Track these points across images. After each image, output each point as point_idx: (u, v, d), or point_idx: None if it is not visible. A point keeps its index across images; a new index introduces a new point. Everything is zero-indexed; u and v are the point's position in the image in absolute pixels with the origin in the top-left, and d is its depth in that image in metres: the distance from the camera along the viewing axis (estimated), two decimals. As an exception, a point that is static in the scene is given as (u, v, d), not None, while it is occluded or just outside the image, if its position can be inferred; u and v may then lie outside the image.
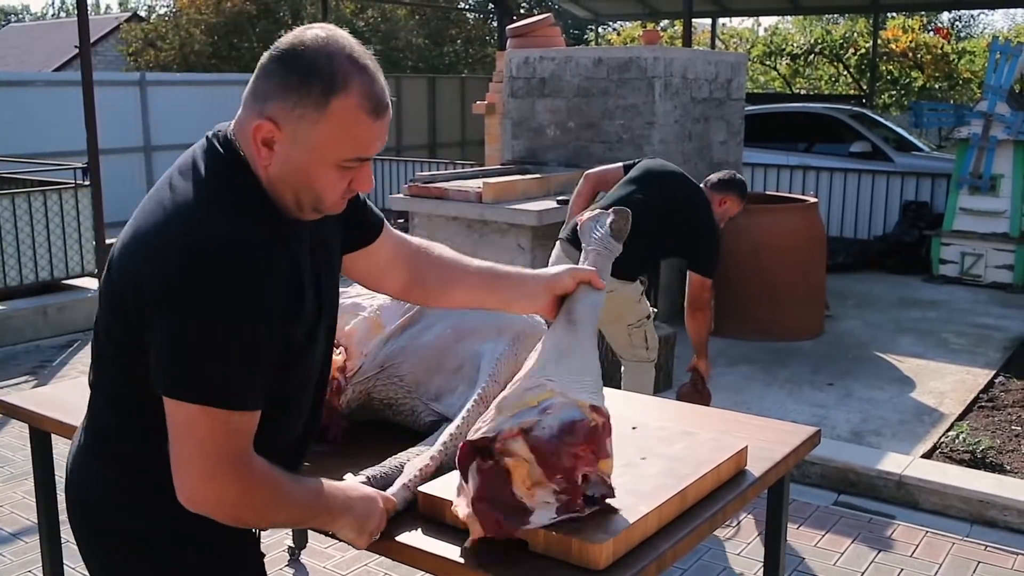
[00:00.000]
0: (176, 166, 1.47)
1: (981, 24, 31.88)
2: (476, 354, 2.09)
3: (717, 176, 4.26)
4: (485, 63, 22.09)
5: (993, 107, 8.01)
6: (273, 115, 1.36)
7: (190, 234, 1.32)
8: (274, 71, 1.37)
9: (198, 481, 1.34)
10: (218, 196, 1.37)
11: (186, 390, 1.31)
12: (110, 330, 1.45)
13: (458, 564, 1.64)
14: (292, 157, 1.38)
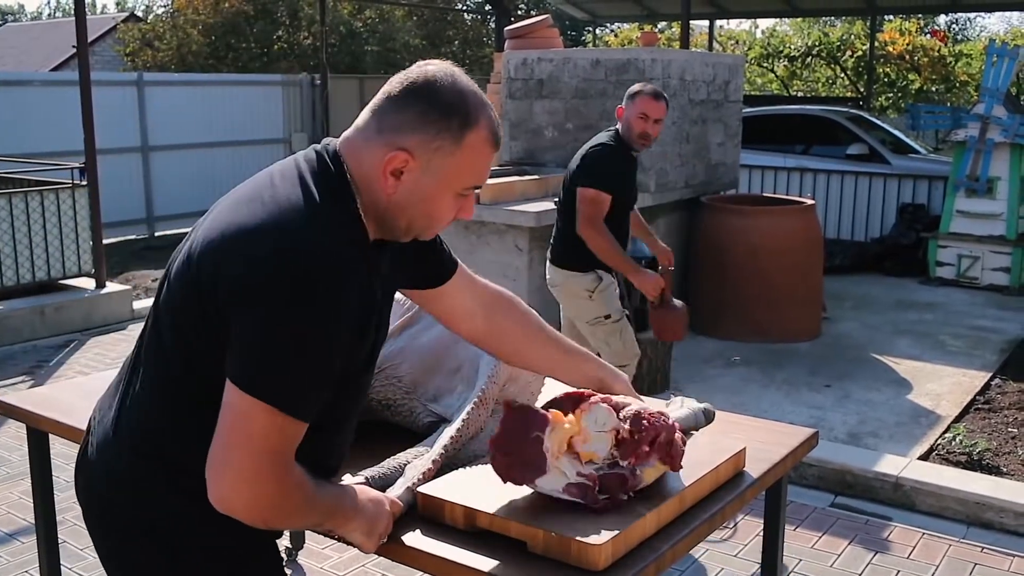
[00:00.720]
0: (278, 170, 1.49)
1: (978, 27, 31.95)
2: (475, 355, 2.09)
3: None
4: (483, 64, 22.10)
5: (990, 110, 8.03)
6: (409, 147, 1.43)
7: (288, 238, 1.35)
8: (411, 104, 1.43)
9: (237, 478, 1.34)
10: (320, 208, 1.40)
11: (257, 385, 1.33)
12: (180, 320, 1.44)
13: (457, 564, 1.64)
14: (421, 186, 1.46)
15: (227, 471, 1.35)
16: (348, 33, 21.07)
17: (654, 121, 3.98)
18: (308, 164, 1.47)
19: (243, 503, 1.36)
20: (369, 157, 1.45)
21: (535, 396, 2.23)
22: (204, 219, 1.52)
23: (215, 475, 1.36)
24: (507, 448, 1.70)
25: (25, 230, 6.94)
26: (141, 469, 1.51)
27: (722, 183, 7.25)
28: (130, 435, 1.53)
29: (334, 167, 1.46)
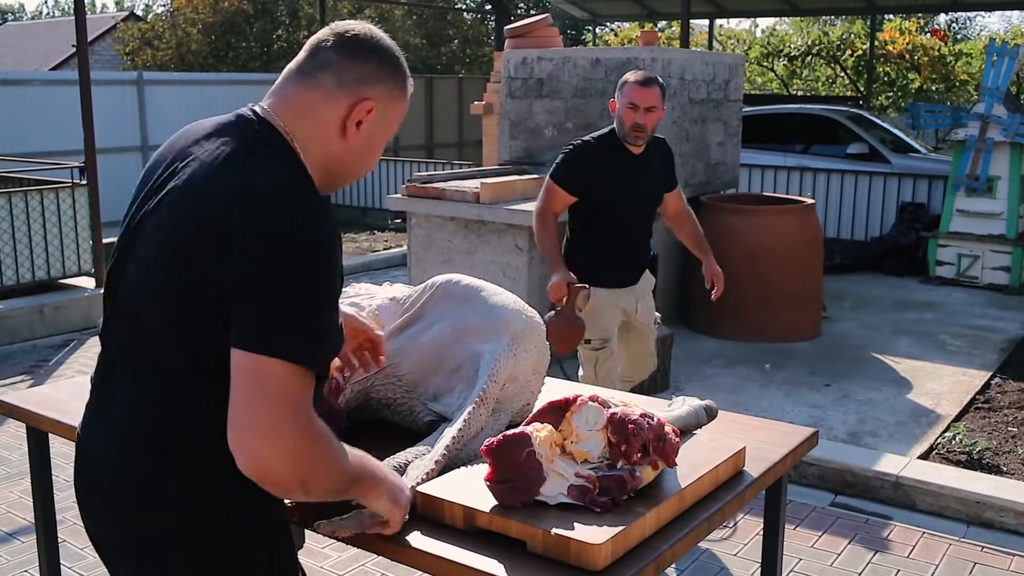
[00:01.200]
0: (226, 142, 1.48)
1: (978, 26, 31.95)
2: (475, 354, 2.09)
3: None
4: (482, 63, 22.09)
5: (990, 109, 8.03)
6: (374, 97, 1.52)
7: (289, 202, 1.40)
8: (368, 57, 1.52)
9: (266, 433, 1.34)
10: (291, 175, 1.46)
11: (270, 344, 1.35)
12: (174, 303, 1.43)
13: (456, 564, 1.64)
14: (374, 134, 1.55)
15: (253, 430, 1.34)
16: (348, 32, 21.04)
17: (645, 110, 3.58)
18: (251, 134, 1.49)
19: (275, 458, 1.35)
20: (330, 111, 1.50)
21: (535, 395, 2.23)
22: (153, 196, 1.50)
23: (241, 439, 1.35)
24: (503, 477, 1.71)
25: (25, 229, 6.94)
26: (164, 459, 1.49)
27: (722, 182, 7.25)
28: (139, 427, 1.51)
29: (272, 134, 1.49)
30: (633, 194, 3.77)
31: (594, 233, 3.80)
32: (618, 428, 1.80)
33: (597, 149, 3.74)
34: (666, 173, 3.90)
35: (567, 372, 4.42)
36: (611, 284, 3.82)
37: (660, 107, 3.62)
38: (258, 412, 1.34)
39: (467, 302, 2.17)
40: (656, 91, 3.60)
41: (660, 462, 1.81)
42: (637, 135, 3.64)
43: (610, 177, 3.71)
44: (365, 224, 12.32)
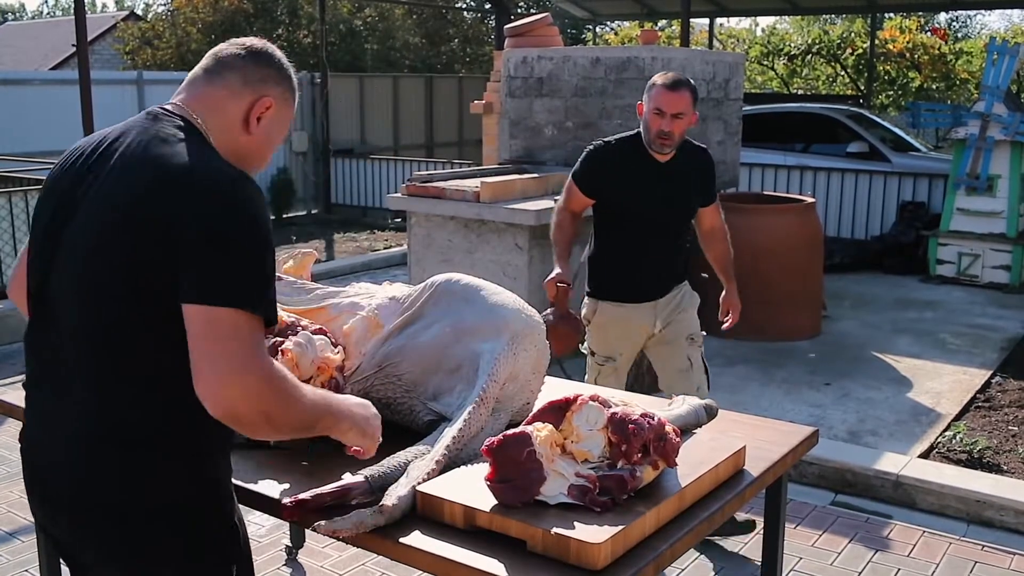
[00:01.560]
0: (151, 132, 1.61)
1: (978, 24, 31.93)
2: (474, 354, 2.09)
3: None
4: (482, 63, 22.07)
5: (990, 107, 8.02)
6: (273, 95, 1.71)
7: (221, 173, 1.56)
8: (269, 63, 1.72)
9: (228, 375, 1.46)
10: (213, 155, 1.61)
11: (223, 295, 1.47)
12: (125, 274, 1.51)
13: (456, 564, 1.64)
14: (272, 131, 1.73)
15: (216, 374, 1.46)
16: (348, 31, 21.05)
17: (672, 116, 3.29)
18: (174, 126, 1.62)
19: (239, 396, 1.46)
20: (235, 105, 1.68)
21: (535, 394, 2.23)
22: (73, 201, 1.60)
23: (206, 384, 1.46)
24: (504, 476, 1.71)
25: (25, 229, 6.93)
26: (127, 459, 1.56)
27: (722, 181, 7.24)
28: (118, 430, 1.56)
29: (188, 125, 1.64)
30: (652, 203, 3.46)
31: (609, 241, 3.57)
32: (618, 428, 1.80)
33: (617, 151, 3.49)
34: (701, 186, 3.57)
35: (567, 371, 4.42)
36: (623, 297, 3.56)
37: (690, 112, 3.33)
38: (218, 357, 1.46)
39: (467, 301, 2.17)
40: (685, 95, 3.31)
41: (660, 462, 1.81)
42: (663, 143, 3.35)
43: (627, 183, 3.45)
44: (365, 223, 12.32)
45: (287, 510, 1.78)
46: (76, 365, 1.59)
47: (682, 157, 3.47)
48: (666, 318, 3.60)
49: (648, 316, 3.58)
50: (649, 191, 3.44)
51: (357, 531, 1.68)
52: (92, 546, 1.62)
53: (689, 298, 3.67)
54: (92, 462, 1.57)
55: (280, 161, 13.05)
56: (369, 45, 21.25)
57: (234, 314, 1.47)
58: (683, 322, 3.64)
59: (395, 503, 1.73)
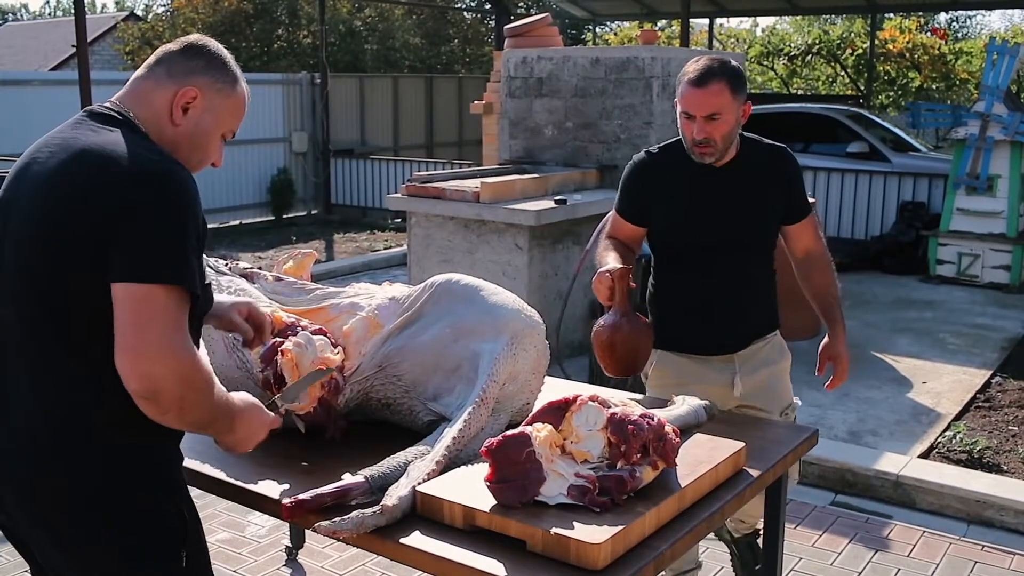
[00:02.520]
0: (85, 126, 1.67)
1: (978, 25, 31.93)
2: (474, 354, 2.09)
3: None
4: (482, 63, 22.07)
5: (990, 107, 8.02)
6: (199, 85, 1.73)
7: (146, 156, 1.61)
8: (198, 56, 1.76)
9: (154, 352, 1.50)
10: (142, 141, 1.67)
11: (152, 271, 1.52)
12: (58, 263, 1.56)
13: (456, 564, 1.64)
14: (203, 121, 1.75)
15: (143, 349, 1.50)
16: (347, 32, 21.05)
17: (705, 119, 2.54)
18: (104, 119, 1.69)
19: (165, 374, 1.50)
20: (160, 96, 1.72)
21: (534, 395, 2.23)
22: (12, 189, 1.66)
23: (132, 359, 1.50)
24: (503, 477, 1.71)
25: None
26: (72, 449, 1.60)
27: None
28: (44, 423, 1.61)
29: (123, 118, 1.70)
30: (709, 224, 2.70)
31: (666, 276, 2.82)
32: (618, 428, 1.80)
33: (658, 163, 2.75)
34: (778, 194, 2.74)
35: (567, 372, 4.42)
36: (685, 346, 2.79)
37: (730, 109, 2.55)
38: (147, 333, 1.50)
39: (466, 302, 2.17)
40: (719, 89, 2.53)
41: (660, 462, 1.81)
42: (702, 152, 2.61)
43: (673, 200, 2.72)
44: (365, 223, 12.32)
45: (287, 510, 1.78)
46: (17, 356, 1.63)
47: (747, 160, 2.71)
48: (751, 381, 2.78)
49: (723, 375, 2.76)
50: (704, 208, 2.70)
51: (358, 532, 1.68)
52: (43, 534, 1.65)
53: (780, 354, 2.88)
54: (38, 450, 1.61)
55: (280, 161, 13.06)
56: (369, 45, 21.25)
57: (161, 290, 1.51)
58: (775, 390, 2.83)
59: (395, 503, 1.73)
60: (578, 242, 5.76)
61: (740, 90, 2.58)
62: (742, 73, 2.63)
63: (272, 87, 13.14)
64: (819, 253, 2.84)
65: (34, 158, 1.68)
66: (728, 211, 2.70)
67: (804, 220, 2.79)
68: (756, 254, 2.78)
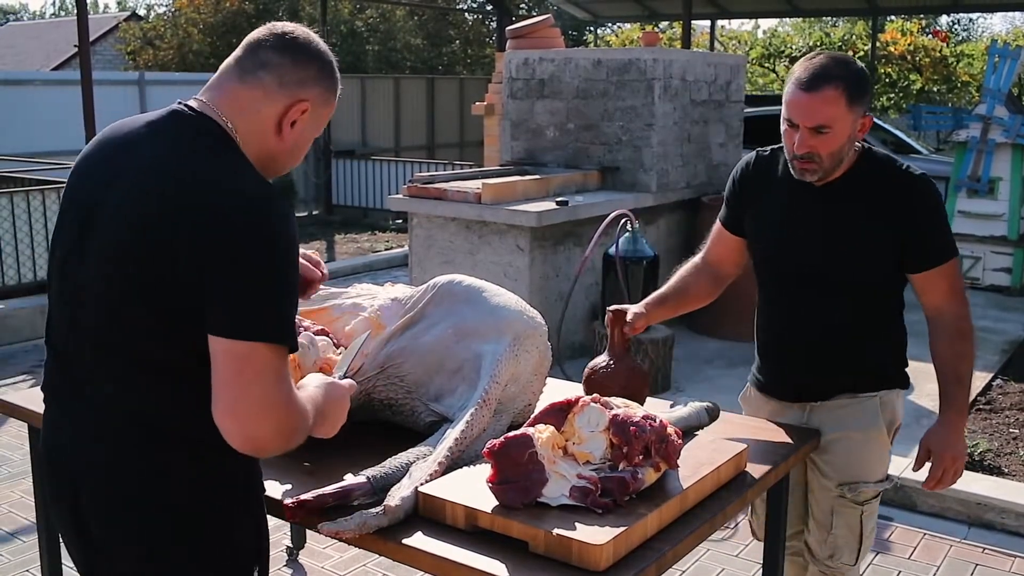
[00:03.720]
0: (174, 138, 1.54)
1: (979, 27, 31.92)
2: (476, 355, 2.09)
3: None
4: (483, 64, 22.09)
5: (991, 110, 8.02)
6: (310, 99, 1.60)
7: (255, 201, 1.47)
8: (309, 62, 1.60)
9: (259, 412, 1.44)
10: (243, 164, 1.54)
11: (254, 329, 1.44)
12: (145, 289, 1.48)
13: (458, 565, 1.64)
14: (307, 132, 1.64)
15: (247, 408, 1.44)
16: (349, 33, 21.06)
17: (811, 130, 2.13)
18: (196, 128, 1.55)
19: (270, 434, 1.46)
20: (269, 109, 1.58)
21: (536, 396, 2.23)
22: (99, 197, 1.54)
23: (235, 420, 1.44)
24: (505, 478, 1.72)
25: (27, 229, 6.94)
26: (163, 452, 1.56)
27: (723, 183, 7.23)
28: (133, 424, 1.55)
29: (214, 127, 1.56)
30: (795, 249, 2.33)
31: (759, 303, 2.52)
32: (620, 429, 1.80)
33: (761, 168, 2.42)
34: (896, 232, 2.21)
35: (568, 373, 4.42)
36: (764, 386, 2.51)
37: (842, 122, 2.12)
38: (250, 393, 1.43)
39: (469, 303, 2.18)
40: (831, 96, 2.10)
41: (662, 463, 1.81)
42: (803, 169, 2.21)
43: (765, 215, 2.37)
44: (366, 224, 12.32)
45: (289, 510, 1.78)
46: (96, 367, 1.58)
47: (864, 182, 2.24)
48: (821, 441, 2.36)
49: (797, 423, 2.42)
50: (796, 232, 2.31)
51: (360, 532, 1.68)
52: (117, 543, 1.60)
53: (872, 421, 2.33)
54: (116, 461, 1.56)
55: (281, 162, 13.06)
56: (370, 46, 21.27)
57: (263, 349, 1.44)
58: (844, 458, 2.35)
59: (398, 504, 1.73)
60: (579, 243, 5.76)
61: (859, 99, 2.14)
62: (865, 77, 2.17)
63: (274, 88, 13.12)
64: (950, 316, 2.25)
65: (121, 166, 1.54)
66: (822, 240, 2.27)
67: (932, 270, 2.23)
68: (857, 298, 2.29)
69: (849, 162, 2.24)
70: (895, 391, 2.37)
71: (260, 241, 1.44)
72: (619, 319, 2.37)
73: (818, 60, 2.15)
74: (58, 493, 1.66)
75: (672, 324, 5.95)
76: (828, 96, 2.10)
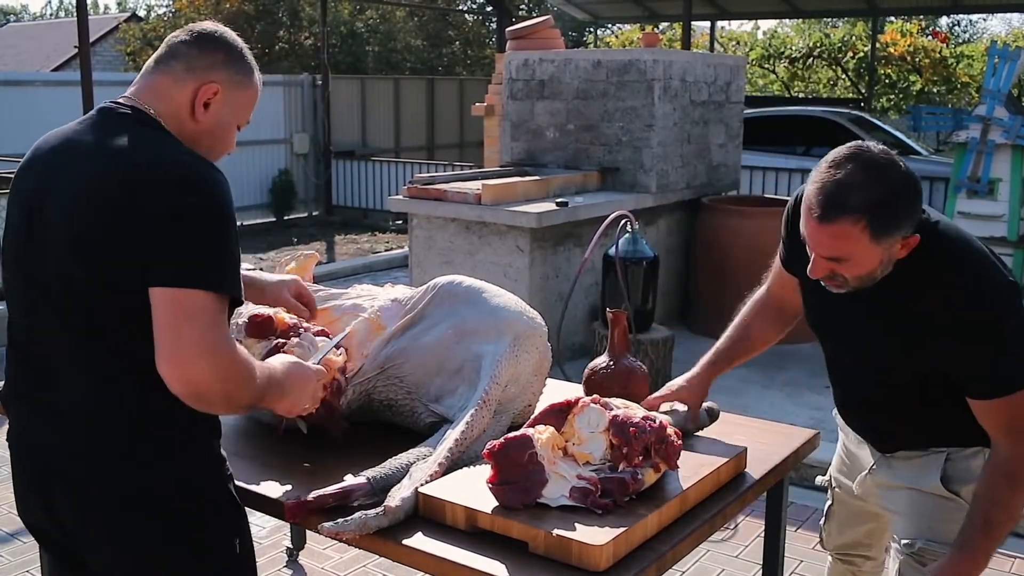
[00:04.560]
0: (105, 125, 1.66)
1: (979, 28, 31.94)
2: (476, 356, 2.09)
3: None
4: (483, 65, 22.10)
5: (991, 111, 8.03)
6: (219, 80, 1.72)
7: (187, 161, 1.61)
8: (216, 48, 1.73)
9: (198, 358, 1.50)
10: (176, 143, 1.66)
11: (193, 277, 1.52)
12: (105, 271, 1.55)
13: (458, 565, 1.64)
14: (222, 115, 1.75)
15: (186, 353, 1.50)
16: (349, 33, 21.08)
17: (826, 260, 1.83)
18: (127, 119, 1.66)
19: (208, 376, 1.51)
20: (180, 93, 1.71)
21: (536, 396, 2.23)
22: (42, 196, 1.63)
23: (175, 362, 1.50)
24: (505, 478, 1.72)
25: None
26: (127, 447, 1.61)
27: (723, 184, 7.25)
28: (99, 421, 1.60)
29: (142, 115, 1.68)
30: (829, 324, 2.14)
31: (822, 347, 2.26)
32: (620, 430, 1.80)
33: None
34: (934, 346, 1.87)
35: (567, 374, 4.42)
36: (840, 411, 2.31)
37: (864, 253, 1.79)
38: (190, 337, 1.50)
39: (469, 303, 2.18)
40: (845, 231, 1.75)
41: (662, 464, 1.82)
42: (831, 286, 1.92)
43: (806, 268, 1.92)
44: (366, 225, 12.33)
45: (289, 511, 1.78)
46: (60, 358, 1.63)
47: (914, 274, 1.87)
48: (882, 488, 2.18)
49: (865, 460, 2.23)
50: (825, 304, 2.04)
51: (361, 532, 1.68)
52: (95, 525, 1.63)
53: (931, 474, 2.05)
54: (90, 451, 1.61)
55: (281, 163, 13.07)
56: (370, 47, 21.28)
57: (202, 295, 1.52)
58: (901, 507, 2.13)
59: (398, 504, 1.73)
60: (579, 244, 5.77)
61: (888, 229, 1.74)
62: (896, 198, 1.74)
63: (274, 88, 13.15)
64: (1003, 453, 1.89)
65: (61, 162, 1.65)
66: (853, 325, 2.02)
67: (980, 401, 1.87)
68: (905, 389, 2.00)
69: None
70: (977, 448, 2.00)
71: (203, 202, 1.55)
72: (616, 321, 2.32)
73: (837, 177, 1.74)
74: (28, 481, 1.70)
75: (672, 325, 5.96)
76: (844, 231, 1.74)
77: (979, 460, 1.99)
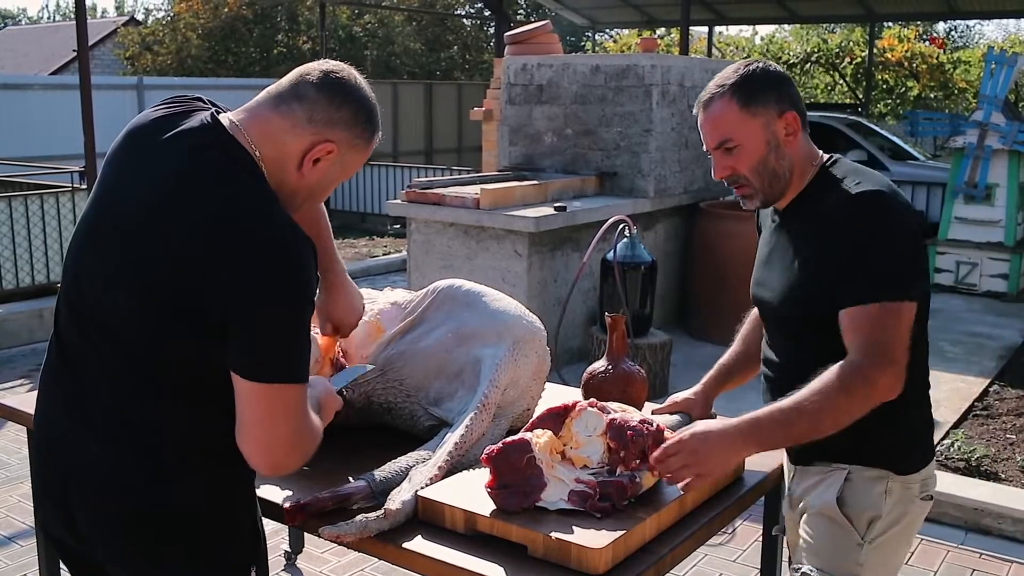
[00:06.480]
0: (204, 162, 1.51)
1: (976, 34, 32.01)
2: (476, 359, 2.09)
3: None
4: (481, 69, 22.13)
5: (988, 117, 8.05)
6: (336, 140, 1.58)
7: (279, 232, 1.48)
8: (344, 103, 1.59)
9: (291, 451, 1.53)
10: (272, 199, 1.53)
11: (277, 373, 1.48)
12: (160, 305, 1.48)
13: (457, 568, 1.64)
14: (331, 174, 1.63)
15: (278, 446, 1.51)
16: (347, 38, 21.09)
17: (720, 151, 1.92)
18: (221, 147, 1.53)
19: (297, 462, 1.56)
20: (293, 143, 1.57)
21: (535, 400, 2.24)
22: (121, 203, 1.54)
23: (267, 453, 1.51)
24: (504, 482, 1.73)
25: (25, 233, 6.94)
26: (149, 462, 1.56)
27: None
28: (126, 434, 1.55)
29: (240, 151, 1.54)
30: (760, 284, 2.12)
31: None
32: (617, 434, 1.81)
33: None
34: (829, 259, 1.81)
35: (565, 378, 4.43)
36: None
37: (744, 131, 1.87)
38: (284, 434, 1.51)
39: (468, 307, 2.18)
40: (720, 110, 1.88)
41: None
42: (742, 196, 1.98)
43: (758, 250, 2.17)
44: (364, 229, 12.32)
45: (289, 514, 1.78)
46: (102, 371, 1.57)
47: (811, 204, 1.93)
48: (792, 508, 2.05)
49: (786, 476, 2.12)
50: (760, 264, 2.14)
51: (361, 536, 1.69)
52: (118, 542, 1.60)
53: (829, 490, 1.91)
54: (116, 463, 1.55)
55: (279, 167, 13.07)
56: (369, 51, 21.30)
57: (293, 390, 1.50)
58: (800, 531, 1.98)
59: (398, 507, 1.73)
60: (577, 249, 5.77)
61: (755, 99, 1.85)
62: (757, 77, 1.87)
63: (272, 92, 13.14)
64: (842, 365, 1.74)
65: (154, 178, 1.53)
66: (776, 273, 2.00)
67: (848, 309, 1.77)
68: (824, 340, 1.82)
69: (806, 179, 1.93)
70: (882, 472, 1.87)
71: (286, 286, 1.47)
72: (614, 325, 2.31)
73: (716, 81, 1.92)
74: (46, 487, 1.67)
75: (670, 329, 5.96)
76: (717, 111, 1.88)
77: (879, 488, 1.86)
